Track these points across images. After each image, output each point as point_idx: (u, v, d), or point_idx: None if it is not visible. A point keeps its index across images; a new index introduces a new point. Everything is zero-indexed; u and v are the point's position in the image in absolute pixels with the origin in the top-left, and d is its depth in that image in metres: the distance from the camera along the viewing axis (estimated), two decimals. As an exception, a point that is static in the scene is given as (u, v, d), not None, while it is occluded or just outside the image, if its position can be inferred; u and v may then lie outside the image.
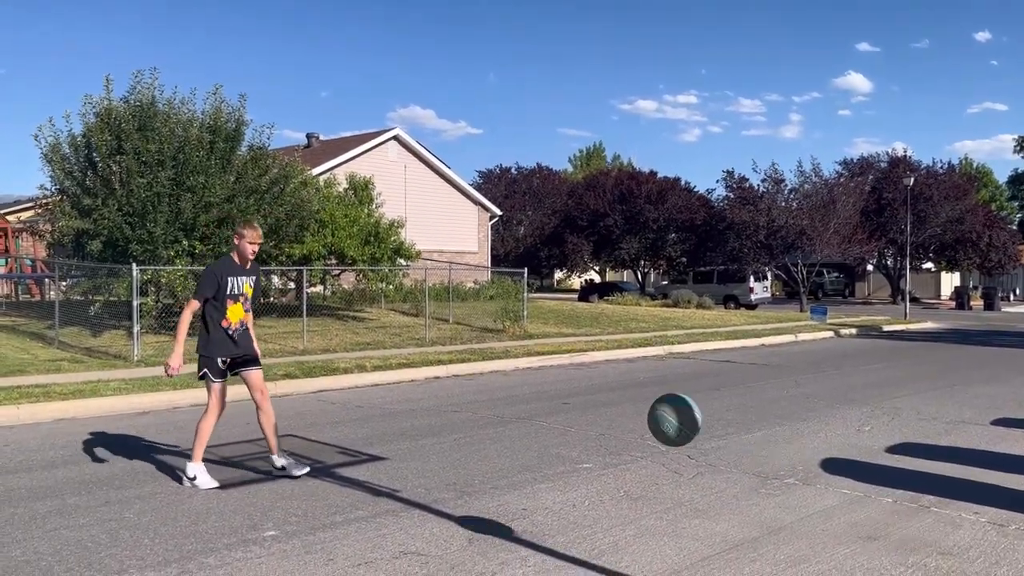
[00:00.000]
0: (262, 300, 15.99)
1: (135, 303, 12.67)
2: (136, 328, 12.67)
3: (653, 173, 49.01)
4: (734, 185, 38.60)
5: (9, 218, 29.05)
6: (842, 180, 38.13)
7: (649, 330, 20.43)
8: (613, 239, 46.74)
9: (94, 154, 14.61)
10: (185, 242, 14.28)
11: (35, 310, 18.28)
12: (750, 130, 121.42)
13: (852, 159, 47.07)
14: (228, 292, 5.70)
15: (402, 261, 21.62)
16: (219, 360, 5.70)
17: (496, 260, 41.99)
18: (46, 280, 23.22)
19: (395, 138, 30.41)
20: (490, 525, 4.84)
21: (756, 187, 37.45)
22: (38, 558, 4.26)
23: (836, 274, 48.39)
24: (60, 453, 6.81)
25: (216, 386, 5.74)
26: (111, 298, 14.88)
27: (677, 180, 48.16)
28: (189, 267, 14.02)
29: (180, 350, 5.62)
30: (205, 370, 5.72)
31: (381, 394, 10.42)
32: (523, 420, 8.40)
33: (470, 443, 7.24)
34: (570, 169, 77.94)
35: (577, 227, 47.99)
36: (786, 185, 36.47)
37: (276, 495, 5.46)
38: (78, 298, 16.05)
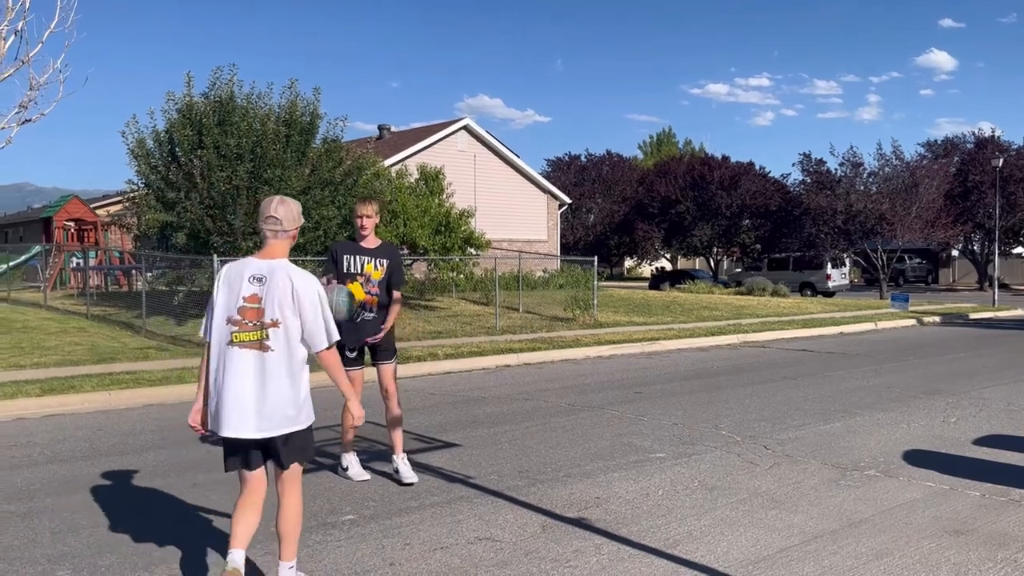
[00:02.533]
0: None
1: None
2: (218, 317, 13.09)
3: (726, 158, 48.07)
4: (811, 169, 37.55)
5: (98, 212, 30.35)
6: (925, 162, 36.73)
7: (722, 318, 20.11)
8: (685, 226, 46.08)
9: (177, 149, 15.13)
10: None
11: (123, 300, 19.06)
12: (826, 112, 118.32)
13: (935, 140, 45.24)
14: (345, 270, 5.38)
15: (472, 250, 21.77)
16: (347, 348, 5.34)
17: (565, 249, 41.91)
18: (133, 271, 24.18)
19: (465, 128, 30.58)
20: (563, 513, 4.87)
21: (834, 171, 36.38)
22: (131, 537, 4.46)
23: (918, 260, 46.69)
24: (150, 438, 7.11)
25: (351, 374, 5.24)
26: (193, 288, 15.41)
27: (751, 165, 47.16)
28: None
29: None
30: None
31: (453, 382, 10.54)
32: (594, 409, 8.39)
33: (542, 431, 7.27)
34: (640, 156, 77.05)
35: (648, 214, 47.46)
36: (865, 169, 35.31)
37: (354, 481, 5.58)
38: (163, 288, 16.69)
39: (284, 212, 3.61)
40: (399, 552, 4.22)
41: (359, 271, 5.37)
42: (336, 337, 3.61)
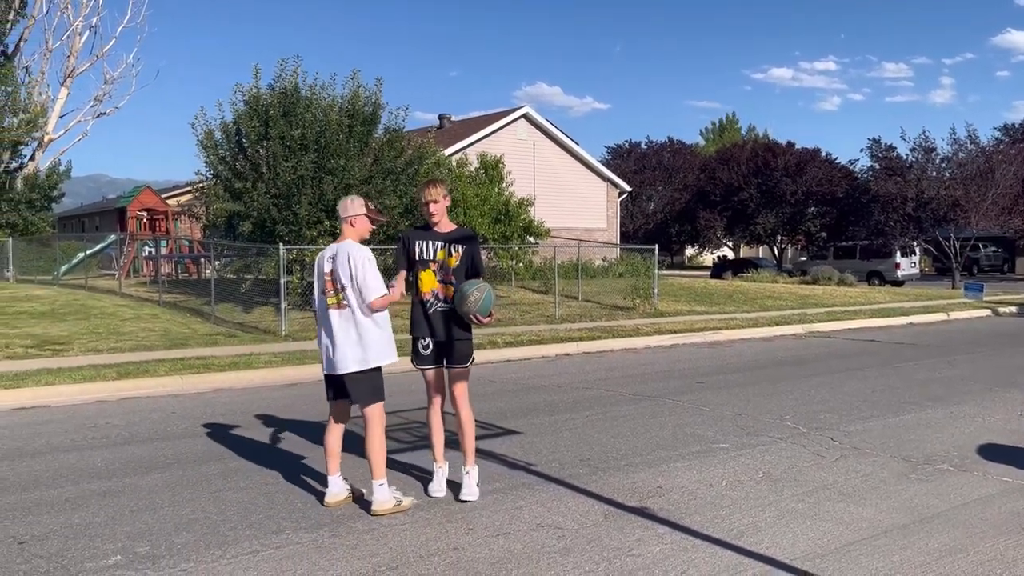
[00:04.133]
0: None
1: (282, 281, 13.40)
2: (283, 305, 13.41)
3: (791, 144, 47.00)
4: (880, 155, 36.45)
5: (169, 202, 31.29)
6: (1002, 147, 35.32)
7: (786, 308, 19.76)
8: (748, 214, 45.25)
9: (243, 140, 15.48)
10: (327, 222, 14.94)
11: (192, 288, 19.65)
12: (895, 96, 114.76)
13: (1013, 124, 43.50)
14: (417, 257, 4.99)
15: (531, 239, 21.78)
16: (419, 343, 5.02)
17: (625, 237, 41.58)
18: (202, 260, 24.88)
19: (524, 116, 30.55)
20: (625, 502, 4.86)
21: (904, 157, 35.27)
22: (205, 517, 4.62)
23: (994, 248, 45.01)
24: (220, 420, 7.32)
25: (425, 373, 5.05)
26: (260, 276, 15.80)
27: (817, 151, 46.03)
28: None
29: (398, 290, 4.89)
30: (412, 353, 5.07)
31: (513, 369, 10.59)
32: (656, 398, 8.34)
33: (602, 420, 7.26)
34: (701, 142, 75.95)
35: (710, 202, 46.73)
36: (937, 154, 34.14)
37: (419, 466, 5.67)
38: (231, 276, 17.14)
39: (341, 206, 4.83)
40: (462, 537, 4.28)
41: (431, 258, 4.96)
42: (382, 291, 4.63)
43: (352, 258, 4.61)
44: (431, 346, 4.98)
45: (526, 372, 10.40)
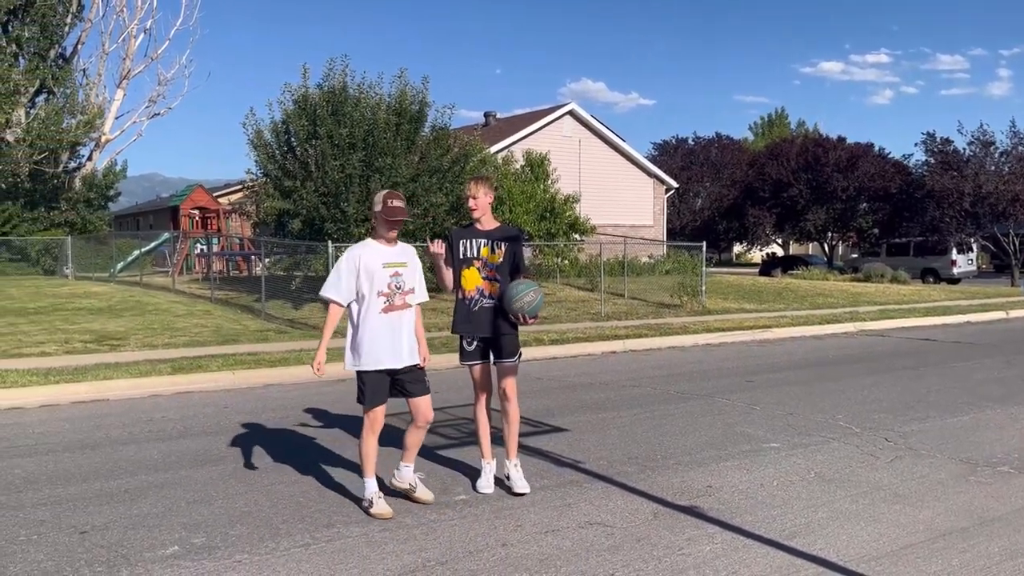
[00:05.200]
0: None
1: (331, 278, 13.56)
2: (332, 301, 13.57)
3: (842, 139, 46.15)
4: (936, 149, 35.59)
5: (220, 200, 31.92)
6: (1065, 140, 34.19)
7: (838, 306, 19.43)
8: (797, 210, 44.54)
9: (292, 139, 15.73)
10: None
11: (243, 284, 20.02)
12: (950, 89, 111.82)
13: (1077, 116, 42.02)
14: (462, 256, 5.03)
15: (577, 236, 21.75)
16: (464, 340, 5.08)
17: (672, 234, 41.25)
18: (252, 257, 25.32)
19: (570, 113, 30.50)
20: (675, 501, 4.83)
21: (961, 151, 34.36)
22: (259, 510, 4.71)
23: (1056, 244, 43.61)
24: (271, 415, 7.45)
25: (472, 369, 5.12)
26: (309, 273, 16.02)
27: (869, 146, 45.13)
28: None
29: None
30: (458, 351, 5.13)
31: (559, 367, 10.58)
32: (705, 397, 8.26)
33: (651, 418, 7.22)
34: (750, 138, 74.91)
35: (758, 198, 46.11)
36: (997, 148, 33.20)
37: (465, 462, 5.70)
38: (280, 273, 17.41)
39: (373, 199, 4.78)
40: (511, 533, 4.29)
41: (475, 255, 5.00)
42: (324, 293, 4.73)
43: None
44: (476, 343, 5.02)
45: (572, 370, 10.38)
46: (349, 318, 4.74)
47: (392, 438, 5.52)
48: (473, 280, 4.99)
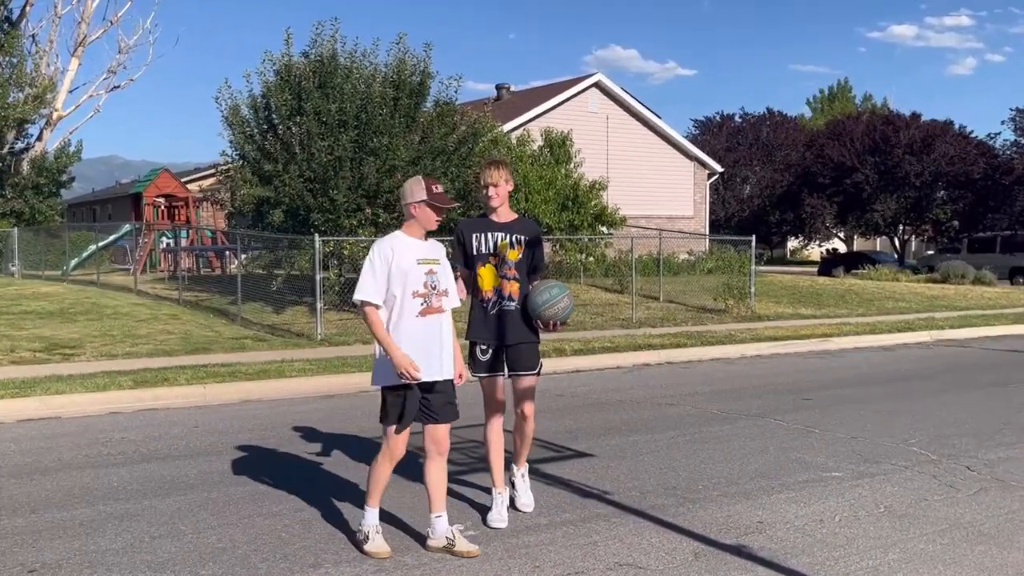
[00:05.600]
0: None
1: (317, 277, 13.63)
2: (319, 305, 13.64)
3: (915, 116, 45.96)
4: (1026, 127, 35.38)
5: (190, 187, 32.08)
6: None
7: (910, 311, 19.39)
8: (863, 199, 44.38)
9: (274, 116, 15.81)
10: (368, 210, 15.16)
11: (216, 284, 20.14)
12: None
13: None
14: (475, 252, 5.06)
15: (604, 229, 21.74)
16: (477, 347, 5.09)
17: (716, 226, 41.19)
18: (226, 252, 25.46)
19: (596, 85, 30.49)
20: (719, 538, 4.82)
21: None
22: (234, 546, 4.73)
23: None
24: (248, 436, 7.49)
25: (480, 381, 5.12)
26: (292, 272, 16.09)
27: (948, 124, 44.92)
28: (373, 238, 14.85)
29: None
30: (469, 360, 5.11)
31: (583, 381, 10.58)
32: (754, 417, 8.25)
33: (691, 442, 7.21)
34: (808, 114, 74.76)
35: (817, 184, 45.98)
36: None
37: (474, 492, 5.71)
38: (259, 272, 17.52)
39: (402, 191, 4.65)
40: None
41: (491, 251, 5.01)
42: (361, 296, 4.50)
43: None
44: (490, 351, 5.05)
45: (598, 384, 10.38)
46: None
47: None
48: (490, 280, 5.03)
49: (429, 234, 4.67)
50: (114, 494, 5.74)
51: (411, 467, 5.54)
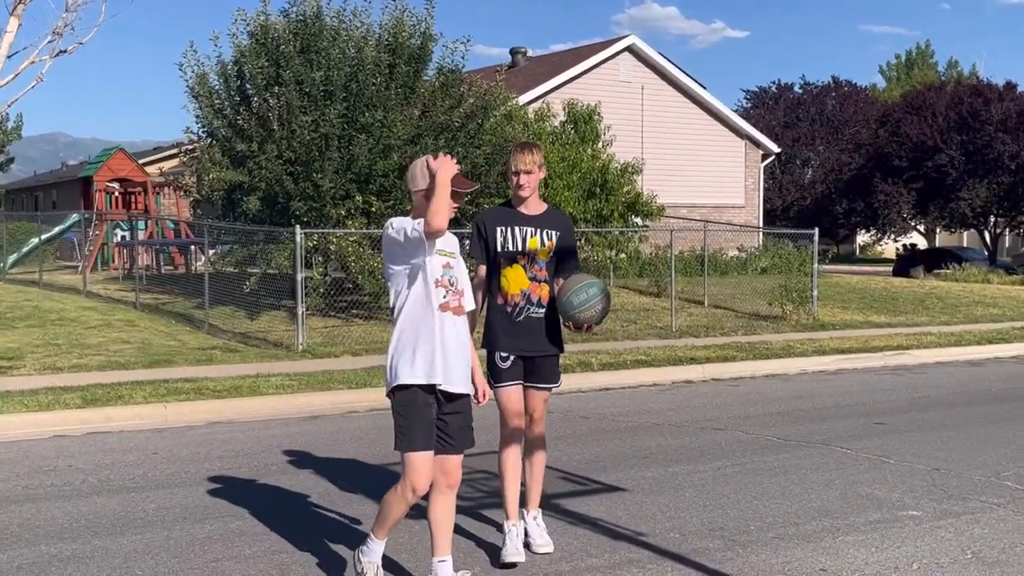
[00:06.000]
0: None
1: (298, 277, 13.65)
2: (300, 309, 13.66)
3: (1011, 86, 45.74)
4: None
5: (149, 170, 32.19)
6: None
7: (1004, 319, 19.35)
8: (947, 185, 44.20)
9: (248, 86, 15.85)
10: (359, 198, 15.17)
11: (179, 285, 20.23)
12: None
13: None
14: (500, 248, 5.07)
15: (638, 221, 21.70)
16: (497, 355, 5.12)
17: (771, 217, 41.13)
18: (192, 247, 25.55)
19: (629, 49, 30.47)
20: (774, 589, 4.81)
21: None
22: (199, 593, 4.75)
23: None
24: (217, 464, 7.51)
25: (499, 394, 5.12)
26: (269, 270, 16.12)
27: (1049, 95, 44.64)
28: (364, 230, 14.87)
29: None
30: (488, 371, 5.11)
31: (613, 401, 10.58)
32: (816, 445, 8.23)
33: (741, 474, 7.20)
34: (881, 84, 74.51)
35: (892, 168, 45.79)
36: None
37: (483, 529, 5.71)
38: (230, 270, 17.55)
39: (409, 174, 4.50)
40: (546, 631, 4.30)
41: (519, 249, 5.03)
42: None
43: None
44: (511, 359, 5.09)
45: (631, 405, 10.38)
46: (392, 320, 4.50)
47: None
48: (518, 281, 5.05)
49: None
50: (60, 533, 5.76)
51: (408, 502, 5.53)
